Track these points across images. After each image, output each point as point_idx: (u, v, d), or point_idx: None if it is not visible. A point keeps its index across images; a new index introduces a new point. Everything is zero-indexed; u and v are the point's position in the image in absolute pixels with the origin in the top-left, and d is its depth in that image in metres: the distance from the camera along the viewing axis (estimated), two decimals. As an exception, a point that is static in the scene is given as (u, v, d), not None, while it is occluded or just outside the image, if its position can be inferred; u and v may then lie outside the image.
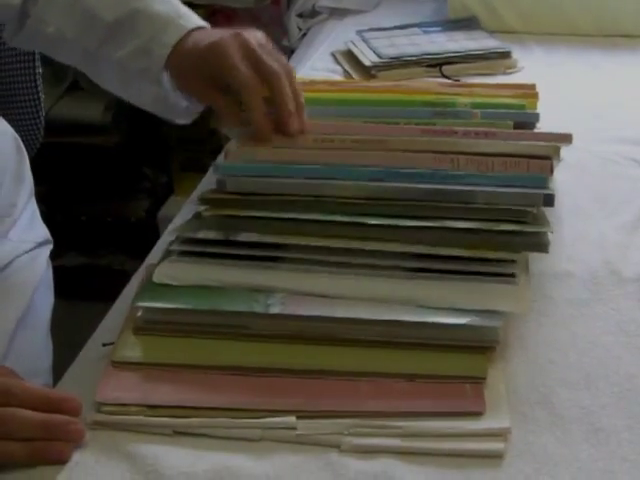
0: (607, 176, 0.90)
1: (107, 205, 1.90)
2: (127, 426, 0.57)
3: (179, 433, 0.57)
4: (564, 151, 0.75)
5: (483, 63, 1.16)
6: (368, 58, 1.16)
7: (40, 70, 1.07)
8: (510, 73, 1.15)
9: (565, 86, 1.12)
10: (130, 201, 1.91)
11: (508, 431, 0.56)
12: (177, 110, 0.83)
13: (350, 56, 1.21)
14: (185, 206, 0.84)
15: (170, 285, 0.66)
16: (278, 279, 0.66)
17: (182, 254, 0.68)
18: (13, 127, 0.85)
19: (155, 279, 0.66)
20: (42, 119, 1.09)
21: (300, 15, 1.52)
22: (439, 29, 1.26)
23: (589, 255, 0.76)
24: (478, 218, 0.67)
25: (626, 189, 0.87)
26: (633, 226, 0.80)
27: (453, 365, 0.60)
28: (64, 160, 1.80)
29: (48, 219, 0.91)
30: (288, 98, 0.73)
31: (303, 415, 0.57)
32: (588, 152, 0.93)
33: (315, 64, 1.21)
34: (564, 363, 0.63)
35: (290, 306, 0.63)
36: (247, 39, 0.74)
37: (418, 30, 1.26)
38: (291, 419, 0.57)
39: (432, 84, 0.97)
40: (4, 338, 0.75)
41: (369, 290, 0.64)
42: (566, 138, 0.76)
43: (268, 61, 0.73)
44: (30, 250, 0.84)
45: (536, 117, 0.81)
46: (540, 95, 0.87)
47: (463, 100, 0.82)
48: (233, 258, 0.67)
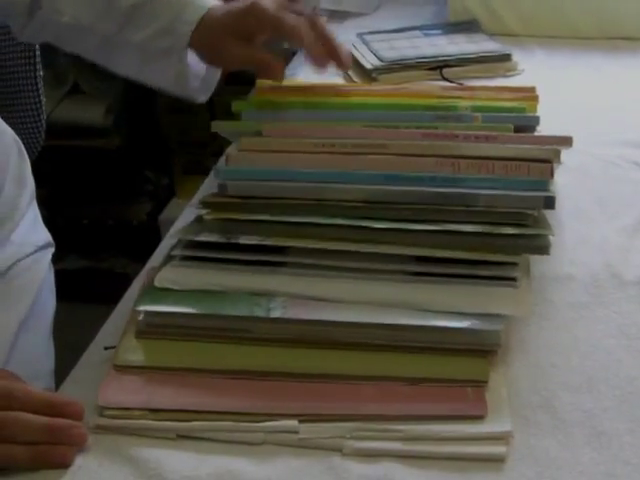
0: (608, 179, 0.90)
1: (109, 208, 1.91)
2: (130, 430, 0.58)
3: (182, 437, 0.57)
4: (565, 154, 0.75)
5: (484, 66, 1.16)
6: (369, 61, 1.16)
7: (41, 73, 1.07)
8: (511, 76, 1.15)
9: (566, 89, 1.12)
10: (132, 204, 1.91)
11: (510, 435, 0.56)
12: (195, 86, 0.86)
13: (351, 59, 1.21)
14: (186, 209, 0.84)
15: (172, 289, 0.66)
16: (279, 283, 0.66)
17: (184, 258, 0.68)
18: (14, 130, 0.85)
19: (157, 284, 0.66)
20: (43, 122, 1.09)
21: (301, 17, 1.52)
22: (440, 32, 1.26)
23: (590, 258, 0.76)
24: (479, 221, 0.67)
25: (628, 192, 0.87)
26: (634, 229, 0.80)
27: (455, 369, 0.60)
28: (65, 163, 1.80)
29: (50, 222, 0.91)
30: (331, 34, 0.81)
31: (305, 419, 0.57)
32: (589, 155, 0.93)
33: (316, 67, 1.21)
34: (566, 366, 0.63)
35: (292, 310, 0.63)
36: None
37: (419, 33, 1.26)
38: (293, 423, 0.57)
39: (433, 87, 0.97)
40: (6, 341, 0.75)
41: (370, 294, 0.64)
42: (566, 141, 0.76)
43: (299, 10, 0.81)
44: (32, 253, 0.84)
45: (536, 120, 0.81)
46: (541, 98, 0.86)
47: (464, 103, 0.82)
48: (235, 262, 0.67)
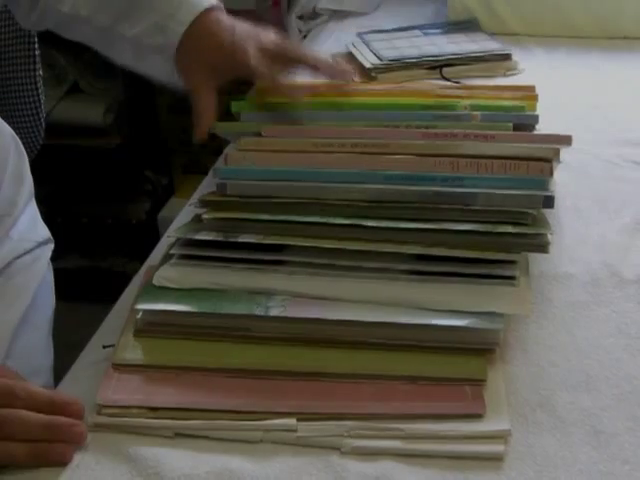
0: (607, 178, 0.90)
1: (108, 207, 1.91)
2: (128, 428, 0.58)
3: (180, 435, 0.57)
4: (564, 153, 0.75)
5: (483, 65, 1.16)
6: (368, 60, 1.16)
7: (41, 72, 1.07)
8: (510, 75, 1.15)
9: (565, 88, 1.12)
10: (131, 203, 1.91)
11: (508, 433, 0.56)
12: None
13: (350, 58, 1.20)
14: (185, 208, 0.84)
15: (170, 287, 0.66)
16: (278, 282, 0.66)
17: (182, 257, 0.68)
18: (14, 129, 0.86)
19: (155, 282, 0.66)
20: (43, 121, 1.09)
21: (300, 17, 1.52)
22: (439, 31, 1.26)
23: (589, 257, 0.76)
24: (478, 220, 0.67)
25: (627, 191, 0.87)
26: (634, 228, 0.80)
27: (453, 367, 0.60)
28: (65, 162, 1.80)
29: (49, 221, 0.91)
30: (319, 56, 0.84)
31: (304, 417, 0.57)
32: (588, 154, 0.93)
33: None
34: (564, 365, 0.63)
35: (290, 308, 0.63)
36: (261, 39, 0.82)
37: (418, 32, 1.26)
38: (292, 421, 0.57)
39: (432, 86, 0.97)
40: (6, 338, 0.75)
41: (370, 292, 0.64)
42: (565, 140, 0.76)
43: (287, 48, 0.83)
44: (31, 250, 0.84)
45: (535, 119, 0.81)
46: (540, 97, 0.86)
47: (463, 102, 0.82)
48: (233, 261, 0.67)
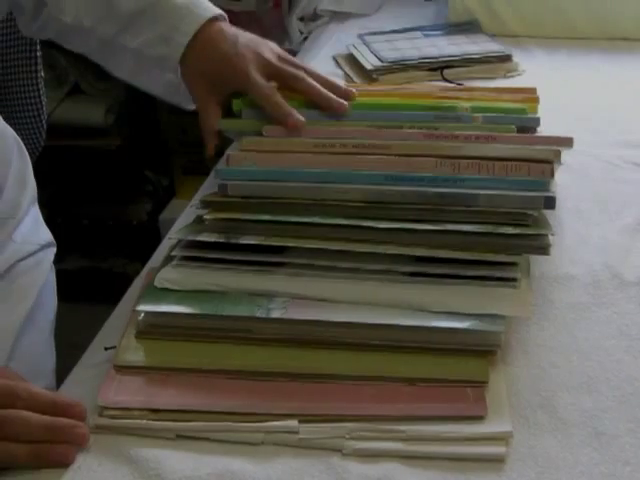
0: (608, 179, 0.90)
1: (109, 208, 1.91)
2: (130, 430, 0.58)
3: (181, 437, 0.57)
4: (565, 154, 0.75)
5: (484, 66, 1.16)
6: (369, 62, 1.16)
7: (42, 74, 1.08)
8: (511, 76, 1.15)
9: (566, 89, 1.12)
10: (132, 204, 1.91)
11: (510, 435, 0.56)
12: (186, 96, 0.86)
13: (351, 60, 1.21)
14: (187, 210, 0.84)
15: (172, 289, 0.66)
16: (280, 283, 0.66)
17: (184, 259, 0.68)
18: (15, 130, 0.86)
19: (157, 284, 0.66)
20: (44, 122, 1.09)
21: (301, 18, 1.53)
22: (440, 32, 1.26)
23: (590, 258, 0.76)
24: (479, 221, 0.67)
25: (628, 192, 0.87)
26: (635, 229, 0.80)
27: (455, 369, 0.60)
28: (66, 163, 1.80)
29: (50, 222, 0.91)
30: (315, 86, 0.80)
31: (305, 419, 0.57)
32: (589, 156, 0.93)
33: (316, 68, 1.20)
34: (566, 367, 0.63)
35: (292, 310, 0.63)
36: (264, 56, 0.80)
37: (419, 34, 1.26)
38: (293, 423, 0.57)
39: (433, 88, 0.97)
40: (9, 340, 0.75)
41: (371, 294, 0.64)
42: (567, 142, 0.76)
43: (287, 69, 0.81)
44: (34, 253, 0.84)
45: (537, 121, 0.81)
46: (541, 98, 0.86)
47: (464, 104, 0.82)
48: (235, 263, 0.67)
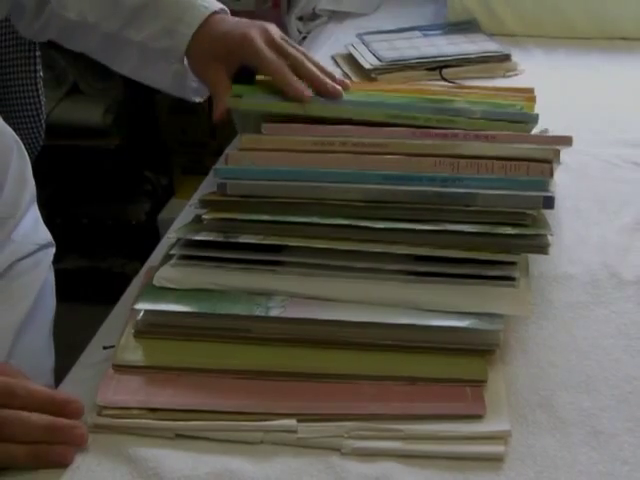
0: (607, 179, 0.90)
1: (108, 208, 1.91)
2: (128, 429, 0.58)
3: (180, 436, 0.57)
4: (564, 154, 0.75)
5: (483, 66, 1.16)
6: (368, 61, 1.16)
7: (41, 74, 1.07)
8: (510, 76, 1.16)
9: (565, 89, 1.12)
10: (131, 204, 1.91)
11: (508, 434, 0.57)
12: (192, 88, 0.87)
13: (350, 59, 1.21)
14: (186, 209, 0.84)
15: (171, 288, 0.66)
16: (278, 282, 0.66)
17: (182, 258, 0.68)
18: (14, 130, 0.85)
19: (155, 283, 0.66)
20: (43, 122, 1.09)
21: (300, 18, 1.53)
22: (439, 32, 1.26)
23: (589, 258, 0.76)
24: (478, 221, 0.67)
25: (626, 192, 0.87)
26: (633, 229, 0.80)
27: (453, 368, 0.60)
28: (65, 163, 1.80)
29: (49, 222, 0.91)
30: (314, 70, 0.82)
31: (304, 418, 0.57)
32: (588, 155, 0.93)
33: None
34: (564, 366, 0.63)
35: (290, 309, 0.63)
36: (269, 31, 0.82)
37: (418, 33, 1.26)
38: (292, 422, 0.57)
39: (431, 87, 0.97)
40: (8, 340, 0.75)
41: (369, 293, 0.64)
42: (566, 140, 0.76)
43: (288, 48, 0.82)
44: (33, 252, 0.84)
45: (535, 118, 0.81)
46: (540, 98, 0.86)
47: (460, 101, 0.82)
48: (234, 262, 0.67)
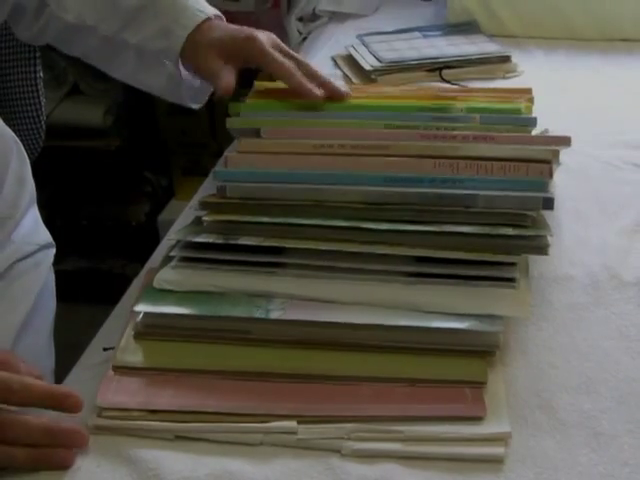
0: (607, 180, 0.90)
1: (108, 209, 1.91)
2: (128, 430, 0.58)
3: (180, 437, 0.57)
4: (564, 155, 0.75)
5: (483, 67, 1.16)
6: (368, 62, 1.16)
7: (41, 74, 1.07)
8: (510, 77, 1.16)
9: (565, 90, 1.12)
10: (131, 205, 1.91)
11: (508, 436, 0.57)
12: (188, 94, 0.87)
13: (350, 60, 1.21)
14: (186, 211, 0.84)
15: (171, 290, 0.66)
16: (278, 284, 0.66)
17: (182, 259, 0.68)
18: (14, 131, 0.85)
19: (155, 285, 0.66)
20: (43, 123, 1.09)
21: (300, 19, 1.53)
22: (439, 33, 1.26)
23: (589, 259, 0.76)
24: (478, 222, 0.67)
25: (626, 193, 0.87)
26: (633, 230, 0.80)
27: (453, 370, 0.60)
28: (65, 164, 1.80)
29: (49, 223, 0.91)
30: (320, 73, 0.84)
31: (304, 420, 0.57)
32: (588, 156, 0.93)
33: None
34: (564, 367, 0.63)
35: (290, 311, 0.63)
36: (272, 35, 0.85)
37: (418, 34, 1.26)
38: (292, 424, 0.57)
39: (430, 88, 0.97)
40: (8, 341, 0.75)
41: (370, 295, 0.64)
42: (565, 141, 0.76)
43: (291, 52, 0.85)
44: (33, 253, 0.84)
45: (533, 121, 0.81)
46: (540, 99, 0.86)
47: (459, 105, 0.82)
48: (233, 264, 0.67)
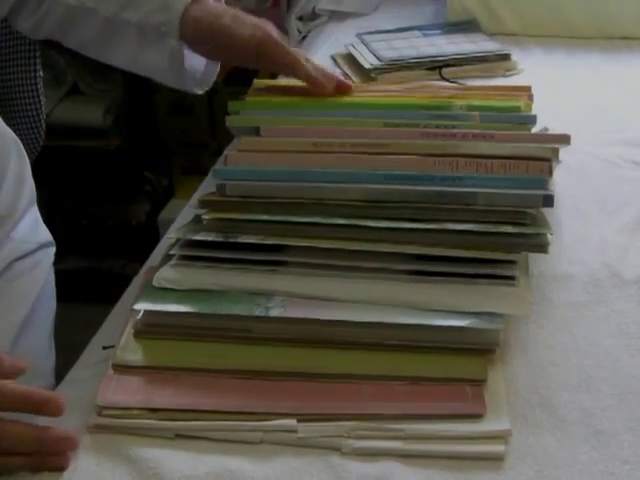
0: (607, 178, 0.90)
1: (108, 208, 1.91)
2: (128, 429, 0.58)
3: (180, 436, 0.57)
4: (564, 153, 0.75)
5: (483, 65, 1.16)
6: (368, 61, 1.16)
7: (41, 74, 1.07)
8: (510, 75, 1.16)
9: (565, 88, 1.12)
10: (131, 204, 1.91)
11: (509, 433, 0.57)
12: (191, 78, 0.87)
13: (350, 59, 1.21)
14: (185, 210, 0.84)
15: (170, 288, 0.66)
16: (278, 282, 0.66)
17: (182, 258, 0.68)
18: (14, 131, 0.85)
19: (155, 283, 0.66)
20: (43, 123, 1.09)
21: (300, 18, 1.53)
22: (439, 32, 1.26)
23: (589, 257, 0.76)
24: (478, 220, 0.67)
25: (626, 191, 0.87)
26: (634, 228, 0.80)
27: (454, 367, 0.60)
28: (65, 164, 1.80)
29: (49, 222, 0.91)
30: (324, 67, 0.86)
31: (304, 418, 0.57)
32: (588, 154, 0.93)
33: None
34: (564, 365, 0.63)
35: (290, 309, 0.63)
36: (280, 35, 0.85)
37: (418, 33, 1.26)
38: (292, 422, 0.57)
39: (430, 86, 0.97)
40: (8, 341, 0.75)
41: (370, 293, 0.64)
42: (564, 139, 0.76)
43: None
44: (33, 252, 0.84)
45: (533, 119, 0.81)
46: (539, 97, 0.86)
47: (459, 103, 0.82)
48: (233, 262, 0.67)
